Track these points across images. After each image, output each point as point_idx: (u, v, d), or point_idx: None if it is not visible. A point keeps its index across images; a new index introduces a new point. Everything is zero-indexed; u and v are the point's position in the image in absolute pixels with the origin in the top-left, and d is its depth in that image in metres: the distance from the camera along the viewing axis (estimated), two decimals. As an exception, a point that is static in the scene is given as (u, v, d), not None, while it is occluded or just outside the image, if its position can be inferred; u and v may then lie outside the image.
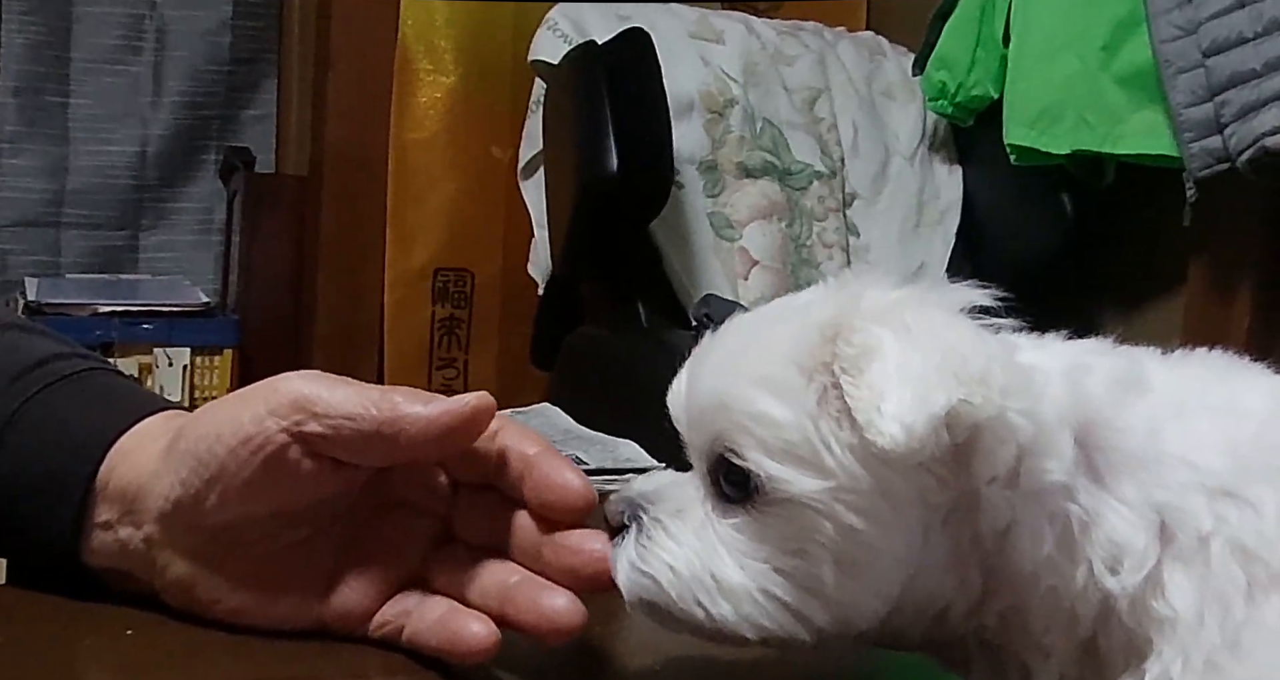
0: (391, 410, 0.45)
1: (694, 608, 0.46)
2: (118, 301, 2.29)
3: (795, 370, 0.45)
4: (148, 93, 2.61)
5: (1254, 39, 1.55)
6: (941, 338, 0.44)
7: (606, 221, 1.77)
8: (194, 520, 0.46)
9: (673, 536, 0.47)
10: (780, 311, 0.49)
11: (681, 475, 0.49)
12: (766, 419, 0.45)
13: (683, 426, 0.49)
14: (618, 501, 0.49)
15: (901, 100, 2.06)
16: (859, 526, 0.44)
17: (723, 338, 0.49)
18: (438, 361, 2.37)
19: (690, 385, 0.48)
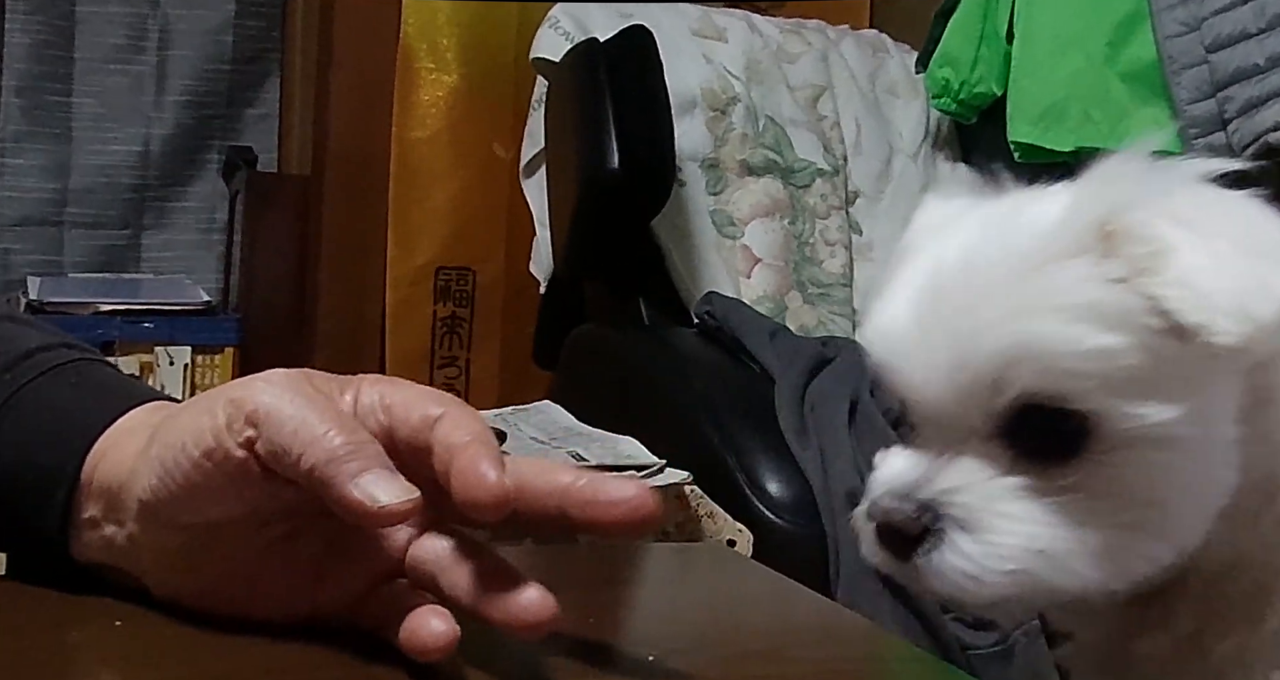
0: (324, 465, 0.43)
1: (1069, 581, 0.41)
2: (119, 300, 2.29)
3: (1102, 286, 0.39)
4: (150, 92, 2.61)
5: (1257, 34, 1.54)
6: (1228, 215, 0.39)
7: (608, 219, 1.77)
8: (170, 521, 0.45)
9: (1009, 519, 0.41)
10: (1013, 228, 0.42)
11: (933, 456, 0.43)
12: (1103, 351, 0.39)
13: (933, 393, 0.42)
14: (899, 507, 0.43)
15: (905, 98, 2.05)
16: (1202, 451, 0.40)
17: (961, 278, 0.42)
18: (440, 360, 2.37)
19: (954, 343, 0.41)
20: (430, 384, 2.09)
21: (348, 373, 0.48)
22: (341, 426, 0.43)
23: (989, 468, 0.42)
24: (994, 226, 0.43)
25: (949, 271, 0.42)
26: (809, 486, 1.31)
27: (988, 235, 0.43)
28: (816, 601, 0.54)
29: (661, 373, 1.61)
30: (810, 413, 1.39)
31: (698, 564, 0.66)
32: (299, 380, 0.46)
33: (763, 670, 0.46)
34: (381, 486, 0.42)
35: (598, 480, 0.44)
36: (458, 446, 0.44)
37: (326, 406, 0.45)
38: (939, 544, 0.42)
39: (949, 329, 0.41)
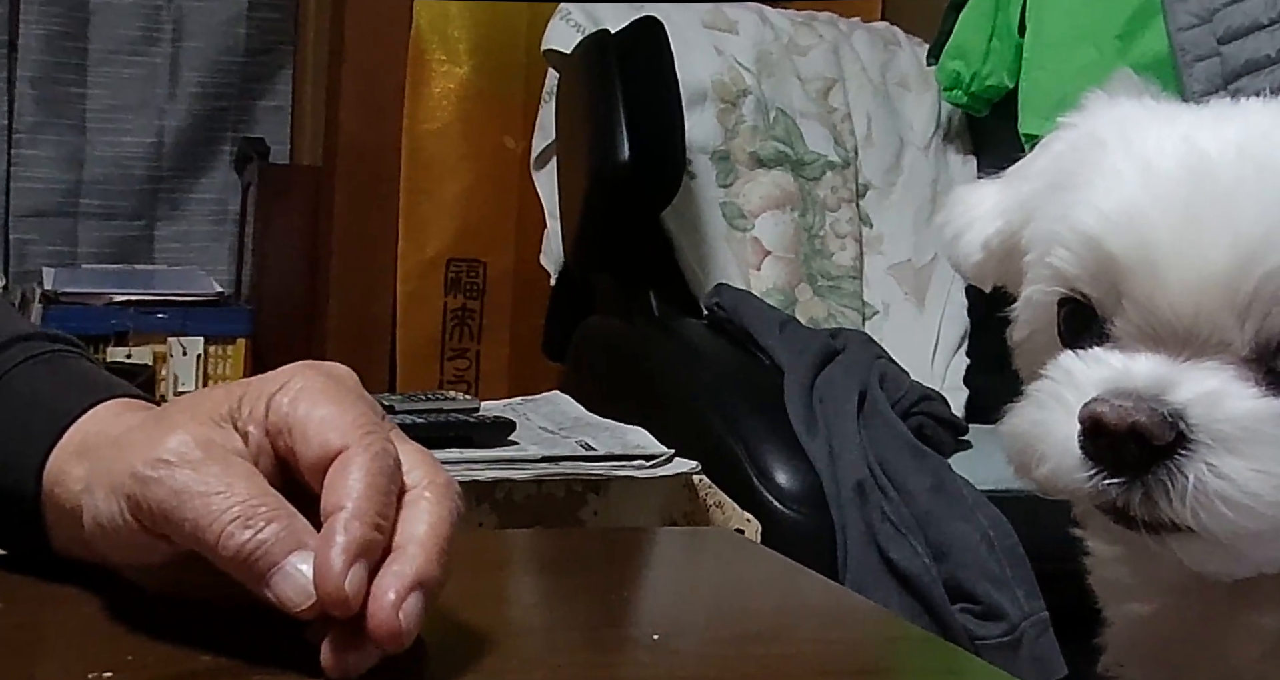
0: (228, 566, 0.42)
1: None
2: (132, 291, 2.30)
3: None
4: (164, 84, 2.62)
5: (1269, 26, 1.53)
6: None
7: (618, 211, 1.77)
8: (115, 541, 0.46)
9: (1256, 449, 0.36)
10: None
11: (1170, 364, 0.38)
12: None
13: (1187, 294, 0.37)
14: (1152, 411, 0.37)
15: (916, 90, 2.05)
16: None
17: (1246, 174, 0.37)
18: (450, 352, 2.37)
19: (1228, 243, 0.37)
20: (440, 375, 2.08)
21: (358, 364, 0.48)
22: (238, 517, 0.42)
23: (1244, 385, 0.37)
24: (1268, 126, 0.39)
25: (1226, 167, 0.38)
26: (817, 477, 1.31)
27: (1264, 134, 0.39)
28: (821, 584, 0.54)
29: (670, 364, 1.61)
30: (819, 404, 1.39)
31: (704, 547, 0.66)
32: (210, 435, 0.44)
33: (765, 650, 0.46)
34: (288, 592, 0.42)
35: (385, 576, 0.42)
36: (328, 510, 0.42)
37: (225, 483, 0.43)
38: (1191, 459, 0.37)
39: (1233, 228, 0.37)
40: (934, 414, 1.42)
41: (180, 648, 0.44)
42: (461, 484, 1.21)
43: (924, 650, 0.50)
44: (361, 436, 0.44)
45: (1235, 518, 0.37)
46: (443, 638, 0.46)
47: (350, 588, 0.41)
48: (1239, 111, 0.42)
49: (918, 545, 1.24)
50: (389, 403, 1.32)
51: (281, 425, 0.45)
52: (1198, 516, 0.37)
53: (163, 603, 0.47)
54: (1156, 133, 0.42)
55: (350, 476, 0.43)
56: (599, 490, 1.21)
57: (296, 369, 0.47)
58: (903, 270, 1.94)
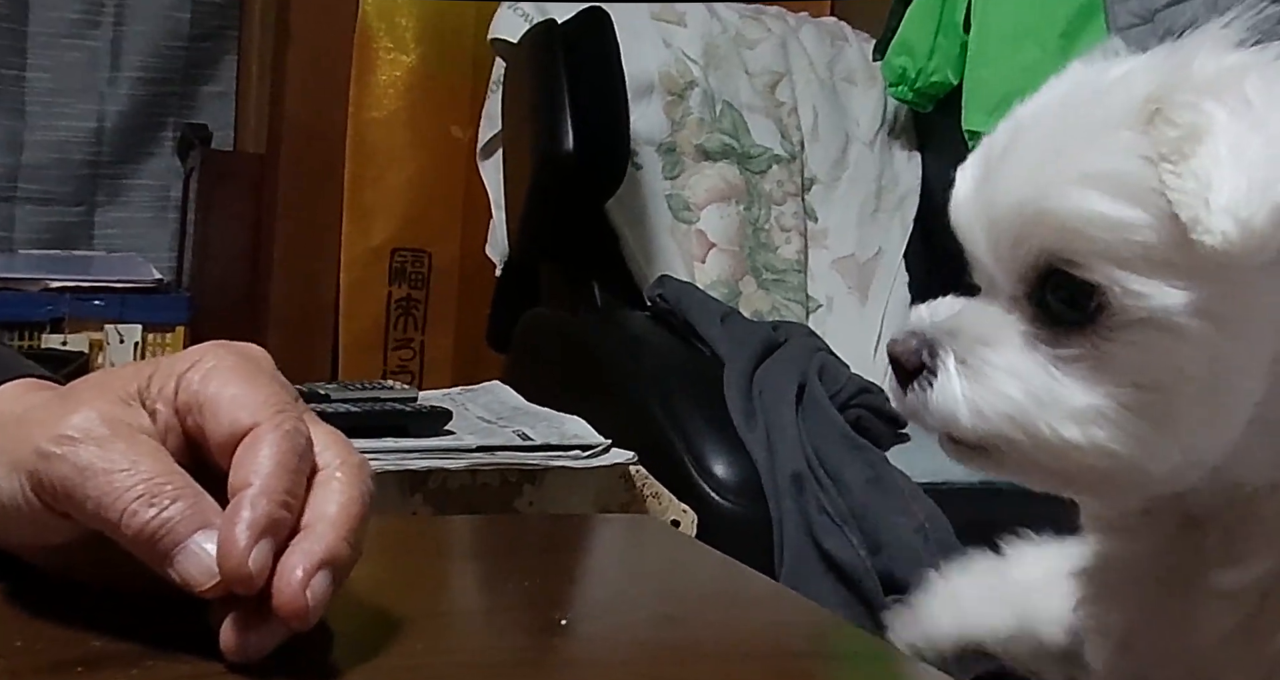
0: (132, 545, 0.41)
1: (1043, 432, 0.40)
2: (69, 277, 2.27)
3: (1137, 159, 0.38)
4: (106, 67, 2.57)
5: (1209, 27, 1.55)
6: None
7: (562, 201, 1.77)
8: (15, 521, 0.44)
9: (1000, 364, 0.41)
10: (1092, 89, 0.42)
11: (970, 302, 0.43)
12: (1116, 222, 0.38)
13: (979, 242, 0.42)
14: (907, 339, 0.43)
15: (862, 85, 2.06)
16: (1214, 348, 0.38)
17: (1025, 130, 0.41)
18: (394, 342, 2.35)
19: (994, 192, 0.41)
20: (384, 365, 2.06)
21: (300, 353, 0.47)
22: (143, 495, 0.41)
23: (1003, 317, 0.42)
24: (1068, 89, 0.43)
25: (1009, 127, 0.42)
26: (755, 468, 1.32)
27: (1055, 98, 0.43)
28: (737, 570, 0.54)
29: (611, 355, 1.61)
30: (758, 396, 1.39)
31: (621, 534, 0.66)
32: (117, 412, 0.43)
33: (671, 634, 0.46)
34: (192, 571, 0.41)
35: (292, 553, 0.41)
36: (235, 487, 0.42)
37: (130, 460, 0.42)
38: (930, 380, 0.42)
39: (989, 186, 0.42)
40: (872, 407, 1.43)
41: (74, 632, 0.43)
42: (395, 473, 1.20)
43: (835, 634, 0.50)
44: (272, 415, 0.43)
45: (964, 425, 0.42)
46: (348, 622, 0.45)
47: (254, 565, 0.40)
48: (1079, 72, 0.45)
49: (853, 537, 1.24)
50: (325, 391, 1.31)
51: (191, 403, 0.44)
52: (940, 423, 0.43)
53: (59, 587, 0.46)
54: (1024, 105, 0.46)
55: (259, 454, 0.42)
56: (534, 480, 1.20)
57: (209, 348, 0.46)
58: (847, 264, 1.94)
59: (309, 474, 0.44)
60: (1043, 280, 0.41)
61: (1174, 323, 0.38)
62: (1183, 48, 0.41)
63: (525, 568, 0.54)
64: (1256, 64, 0.40)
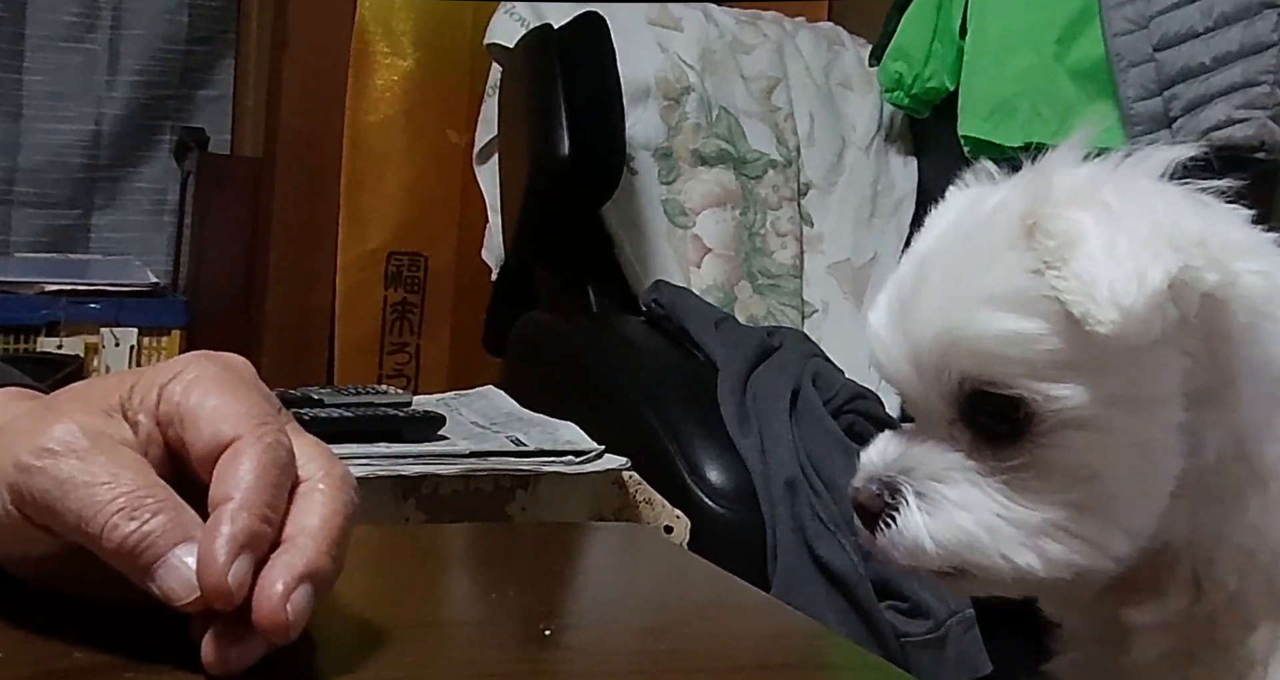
0: (113, 559, 0.41)
1: (999, 562, 0.43)
2: (65, 280, 2.27)
3: (1026, 274, 0.41)
4: (103, 71, 2.57)
5: (1204, 34, 1.55)
6: (1148, 207, 0.41)
7: (558, 206, 1.76)
8: (1, 540, 0.44)
9: (953, 498, 0.44)
10: (977, 215, 0.45)
11: (904, 435, 0.46)
12: (1020, 337, 0.41)
13: (903, 379, 0.45)
14: (866, 485, 0.46)
15: (859, 91, 2.06)
16: (1135, 433, 0.41)
17: (929, 264, 0.44)
18: (389, 346, 2.35)
19: (910, 326, 0.44)
20: (380, 369, 2.05)
21: (296, 358, 0.47)
22: (123, 508, 0.41)
23: (949, 449, 0.44)
24: (956, 219, 0.46)
25: (913, 263, 0.45)
26: (748, 475, 1.32)
27: (948, 227, 0.45)
28: (723, 579, 0.54)
29: (606, 360, 1.61)
30: (752, 402, 1.39)
31: (609, 543, 0.65)
32: (98, 424, 0.43)
33: (656, 645, 0.46)
34: (172, 585, 0.41)
35: (272, 567, 0.41)
36: (215, 501, 0.41)
37: (111, 473, 0.42)
38: (892, 520, 0.45)
39: (906, 320, 0.44)
40: (866, 412, 1.43)
41: (56, 643, 0.43)
42: (388, 478, 1.20)
43: (820, 646, 0.49)
44: (254, 427, 0.43)
45: (926, 560, 0.45)
46: (334, 632, 0.45)
47: (233, 580, 0.40)
48: (961, 199, 0.48)
49: (846, 543, 1.24)
50: (318, 396, 1.31)
51: (173, 414, 0.44)
52: (909, 561, 0.45)
53: (40, 599, 0.46)
54: (923, 233, 0.49)
55: (240, 467, 0.42)
56: (527, 486, 1.20)
57: (191, 358, 0.46)
58: (842, 269, 1.94)
59: (291, 487, 0.44)
60: (970, 402, 0.43)
61: (1093, 418, 0.41)
62: (1044, 168, 0.44)
63: (515, 577, 0.54)
64: (1107, 174, 0.43)
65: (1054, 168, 0.44)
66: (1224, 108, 1.51)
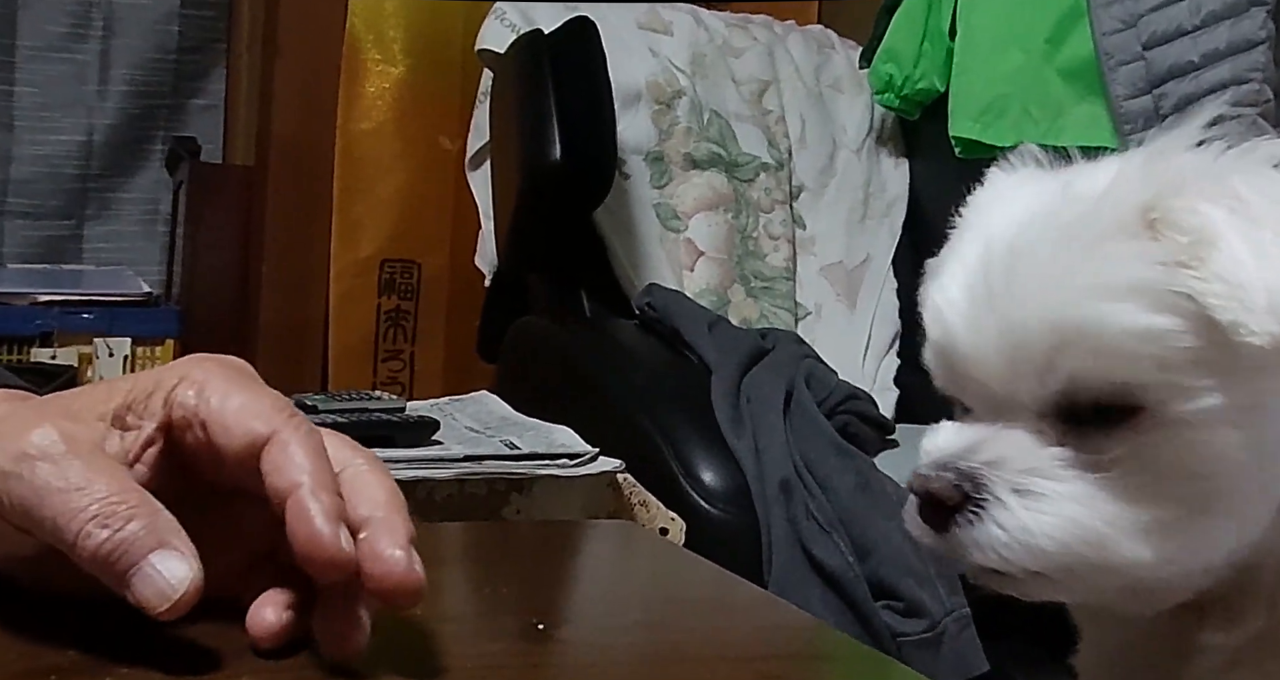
0: (89, 565, 0.41)
1: (1118, 559, 0.40)
2: (58, 291, 2.26)
3: (1152, 268, 0.39)
4: (94, 81, 2.57)
5: (1193, 32, 1.56)
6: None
7: (550, 210, 1.76)
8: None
9: (1062, 492, 0.41)
10: (1069, 206, 0.42)
11: (973, 426, 0.43)
12: (1151, 333, 0.39)
13: (985, 368, 0.42)
14: (942, 476, 0.42)
15: (849, 93, 2.06)
16: (1260, 436, 0.39)
17: (1011, 256, 0.41)
18: (383, 353, 2.35)
19: (1005, 320, 0.41)
20: (374, 377, 2.04)
21: (290, 366, 0.47)
22: (97, 515, 0.41)
23: (1037, 441, 0.42)
24: (1041, 204, 0.43)
25: (998, 250, 0.42)
26: (743, 476, 1.32)
27: (1034, 213, 0.42)
28: (715, 574, 0.54)
29: (600, 364, 1.61)
30: (746, 403, 1.39)
31: (609, 541, 0.65)
32: (76, 430, 0.43)
33: (648, 637, 0.46)
34: (147, 594, 0.41)
35: (378, 538, 0.41)
36: (285, 490, 0.41)
37: (86, 479, 0.41)
38: (980, 514, 0.41)
39: (1000, 310, 0.41)
40: (860, 413, 1.43)
41: (46, 641, 0.43)
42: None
43: (816, 639, 0.49)
44: (286, 420, 0.43)
45: (1019, 559, 0.42)
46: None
47: (348, 547, 0.40)
48: (1038, 184, 0.45)
49: (841, 543, 1.24)
50: (312, 402, 1.31)
51: (191, 419, 0.44)
52: (992, 561, 0.42)
53: (30, 597, 0.46)
54: (983, 218, 0.46)
55: (294, 455, 0.42)
56: (522, 489, 1.20)
57: (192, 362, 0.46)
58: (835, 271, 1.94)
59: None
60: (1069, 397, 0.41)
61: (1213, 419, 0.39)
62: (1158, 154, 0.41)
63: (509, 574, 0.54)
64: (1236, 162, 0.41)
65: (1170, 154, 0.41)
66: (1214, 105, 1.51)
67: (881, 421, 1.47)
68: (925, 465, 0.43)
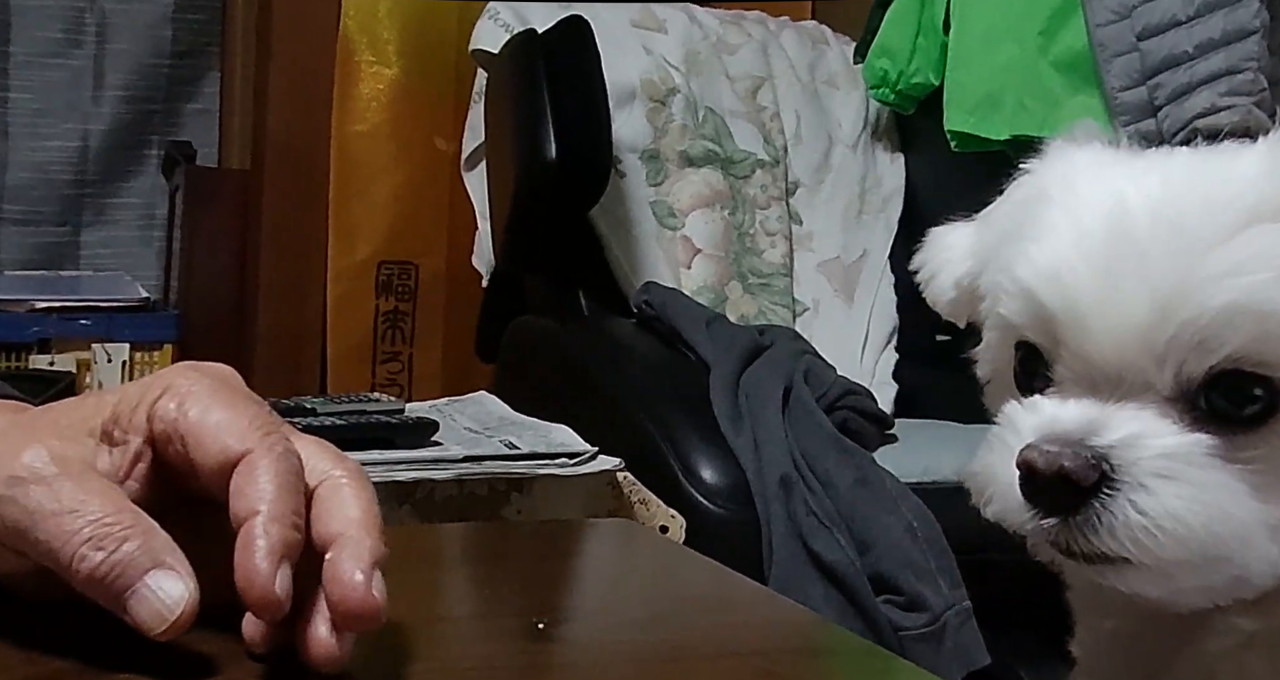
0: (84, 587, 0.41)
1: (1253, 555, 0.39)
2: (55, 297, 2.26)
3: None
4: (88, 87, 2.57)
5: (1186, 22, 1.56)
6: None
7: (546, 210, 1.76)
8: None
9: (1206, 481, 0.39)
10: (1217, 184, 0.40)
11: (1095, 407, 0.41)
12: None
13: (1111, 344, 0.40)
14: (1076, 454, 0.40)
15: (844, 88, 2.06)
16: None
17: (1174, 234, 0.39)
18: (382, 355, 2.35)
19: (1155, 294, 0.39)
20: (372, 379, 2.05)
21: (289, 369, 0.47)
22: (90, 538, 0.41)
23: (1170, 426, 0.40)
24: (1187, 180, 0.41)
25: (1143, 223, 0.40)
26: (742, 472, 1.32)
27: (1182, 189, 0.41)
28: (715, 571, 0.54)
29: (598, 362, 1.61)
30: (744, 400, 1.39)
31: (610, 539, 0.65)
32: (67, 450, 0.43)
33: (652, 636, 0.46)
34: (144, 616, 0.41)
35: (342, 560, 0.41)
36: (242, 517, 0.41)
37: (78, 500, 0.41)
38: (1114, 497, 0.39)
39: (1149, 282, 0.39)
40: (859, 408, 1.43)
41: (45, 648, 0.43)
42: (382, 485, 1.19)
43: (817, 634, 0.49)
44: (261, 438, 0.43)
45: (1159, 547, 0.39)
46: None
47: (280, 590, 0.40)
48: (1167, 164, 0.44)
49: (841, 538, 1.24)
50: (311, 405, 1.31)
51: (171, 433, 0.43)
52: (1126, 548, 0.40)
53: (28, 605, 0.46)
54: (1090, 186, 0.44)
55: (259, 480, 0.42)
56: (522, 489, 1.20)
57: (177, 372, 0.46)
58: (832, 267, 1.94)
59: (312, 489, 0.44)
60: (1210, 382, 0.39)
61: None
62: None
63: (509, 573, 0.54)
64: None
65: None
66: (1208, 95, 1.51)
67: (880, 416, 1.47)
68: (1043, 440, 0.41)
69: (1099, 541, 0.40)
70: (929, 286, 0.53)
